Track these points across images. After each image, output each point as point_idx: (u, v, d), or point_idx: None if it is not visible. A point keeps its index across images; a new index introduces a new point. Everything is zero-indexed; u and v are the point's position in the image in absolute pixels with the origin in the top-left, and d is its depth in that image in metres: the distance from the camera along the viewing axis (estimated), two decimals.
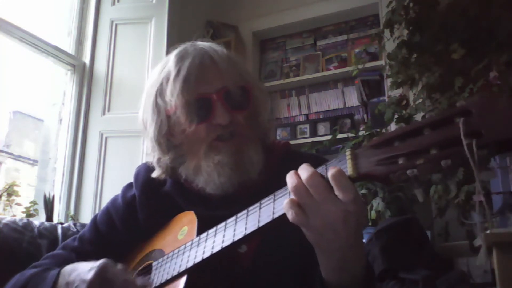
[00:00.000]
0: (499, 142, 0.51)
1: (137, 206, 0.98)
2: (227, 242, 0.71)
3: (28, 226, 1.34)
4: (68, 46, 2.62)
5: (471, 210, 1.86)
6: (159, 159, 0.94)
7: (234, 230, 0.71)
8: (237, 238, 0.70)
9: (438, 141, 0.54)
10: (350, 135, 2.39)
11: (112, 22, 2.67)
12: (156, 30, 2.62)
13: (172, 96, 0.87)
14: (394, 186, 1.98)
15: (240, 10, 3.34)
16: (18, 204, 2.18)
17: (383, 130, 2.23)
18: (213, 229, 0.76)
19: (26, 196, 2.39)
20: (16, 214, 2.14)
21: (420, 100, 1.99)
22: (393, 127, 2.18)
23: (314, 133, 3.05)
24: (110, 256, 0.92)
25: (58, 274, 0.84)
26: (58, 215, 2.35)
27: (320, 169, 0.64)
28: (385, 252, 1.77)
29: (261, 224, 0.67)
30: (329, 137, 2.49)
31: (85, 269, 0.80)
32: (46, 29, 2.61)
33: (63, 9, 2.70)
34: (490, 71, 1.67)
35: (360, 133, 2.29)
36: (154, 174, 0.96)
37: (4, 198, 2.15)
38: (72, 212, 2.37)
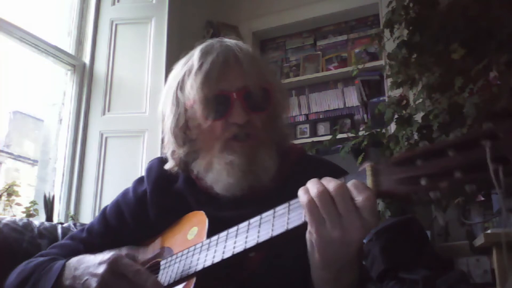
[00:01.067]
0: None
1: (148, 202, 0.97)
2: (239, 248, 0.70)
3: (28, 226, 1.34)
4: (68, 46, 2.62)
5: (471, 210, 1.86)
6: (173, 152, 0.93)
7: (246, 237, 0.70)
8: (249, 245, 0.69)
9: (463, 164, 0.52)
10: (350, 135, 2.39)
11: (112, 22, 2.67)
12: (156, 30, 2.62)
13: (191, 90, 0.87)
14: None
15: (240, 10, 3.34)
16: (18, 204, 2.18)
17: (383, 130, 2.23)
18: (224, 233, 0.75)
19: (26, 196, 2.39)
20: (16, 214, 2.14)
21: (420, 100, 1.99)
22: (393, 127, 2.18)
23: (314, 133, 3.05)
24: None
25: (64, 266, 0.83)
26: (58, 215, 2.35)
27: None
28: (385, 252, 1.77)
29: (275, 233, 0.66)
30: (329, 137, 2.49)
31: (95, 262, 0.78)
32: (46, 29, 2.61)
33: (63, 9, 2.70)
34: (490, 71, 1.67)
35: (360, 133, 2.29)
36: (167, 166, 0.95)
37: (4, 198, 2.15)
38: (72, 212, 2.37)
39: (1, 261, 1.19)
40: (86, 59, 2.63)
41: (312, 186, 0.63)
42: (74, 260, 0.83)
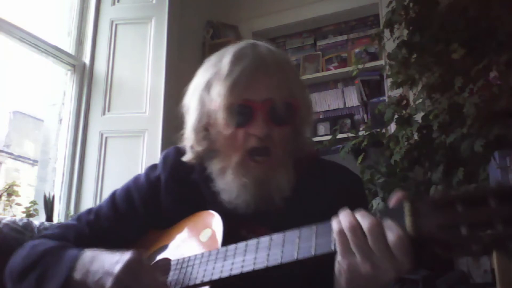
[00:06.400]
0: None
1: (162, 188, 0.95)
2: (259, 265, 0.69)
3: (28, 226, 1.35)
4: (68, 46, 2.62)
5: None
6: (191, 146, 0.93)
7: (268, 255, 0.69)
8: (271, 264, 0.68)
9: (505, 216, 0.49)
10: (350, 135, 2.39)
11: (112, 22, 2.67)
12: (156, 30, 2.62)
13: (217, 95, 0.85)
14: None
15: (240, 10, 3.34)
16: (18, 204, 2.18)
17: (383, 130, 2.22)
18: (242, 245, 0.74)
19: (26, 196, 2.39)
20: (16, 214, 2.14)
21: (420, 100, 1.99)
22: (393, 127, 2.18)
23: (314, 133, 3.04)
24: (125, 236, 0.91)
25: (77, 258, 0.80)
26: (58, 215, 2.35)
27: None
28: None
29: (300, 256, 0.65)
30: (329, 137, 2.49)
31: (112, 261, 0.76)
32: (46, 29, 2.61)
33: (63, 9, 2.70)
34: (490, 71, 1.67)
35: (360, 133, 2.29)
36: (185, 158, 0.94)
37: (4, 198, 2.15)
38: (72, 212, 2.37)
39: (1, 261, 1.19)
40: (86, 59, 2.62)
41: (344, 218, 0.62)
42: (89, 255, 0.81)
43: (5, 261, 0.93)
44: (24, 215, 2.12)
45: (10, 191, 2.17)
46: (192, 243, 0.83)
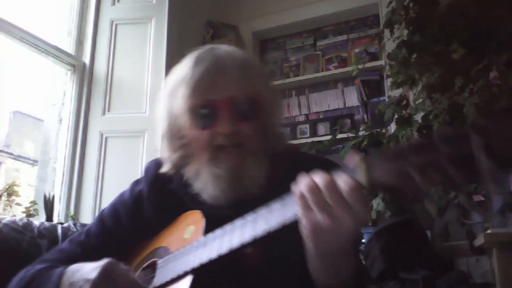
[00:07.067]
0: None
1: (145, 201, 0.99)
2: (235, 244, 0.71)
3: (28, 226, 1.34)
4: (68, 46, 2.62)
5: (471, 210, 1.86)
6: (168, 156, 0.96)
7: (242, 233, 0.71)
8: (245, 241, 0.70)
9: (452, 156, 0.53)
10: (350, 135, 2.39)
11: (112, 22, 2.67)
12: (156, 30, 2.62)
13: (181, 99, 0.89)
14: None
15: (240, 10, 3.34)
16: (18, 204, 2.18)
17: (383, 130, 2.23)
18: (220, 230, 0.76)
19: (26, 196, 2.39)
20: (16, 214, 2.14)
21: (420, 100, 1.99)
22: (393, 127, 2.18)
23: (314, 133, 3.05)
24: (116, 251, 0.93)
25: (62, 274, 0.85)
26: (58, 215, 2.35)
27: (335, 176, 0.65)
28: (385, 252, 1.77)
29: (271, 228, 0.67)
30: (329, 137, 2.49)
31: (89, 269, 0.80)
32: (46, 29, 2.61)
33: (63, 9, 2.70)
34: (490, 71, 1.67)
35: (360, 133, 2.29)
36: (163, 170, 0.97)
37: (4, 198, 2.15)
38: (72, 212, 2.37)
39: (1, 261, 1.19)
40: (86, 59, 2.62)
41: (301, 180, 0.65)
42: (72, 268, 0.85)
43: (5, 261, 0.93)
44: (24, 215, 2.12)
45: (10, 191, 2.17)
46: (177, 242, 0.85)
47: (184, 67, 0.92)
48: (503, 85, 1.64)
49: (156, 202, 0.98)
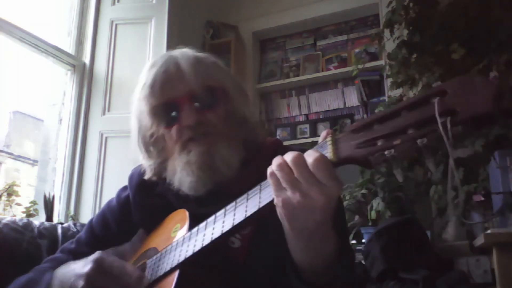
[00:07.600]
0: (473, 118, 0.51)
1: (132, 207, 1.00)
2: (217, 234, 0.72)
3: (28, 226, 1.34)
4: (68, 46, 2.62)
5: (471, 210, 1.86)
6: (148, 164, 0.97)
7: (223, 222, 0.73)
8: (225, 229, 0.71)
9: (414, 121, 0.55)
10: None
11: (112, 22, 2.67)
12: (156, 30, 2.62)
13: (142, 103, 0.93)
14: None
15: (240, 10, 3.34)
16: (18, 204, 2.18)
17: None
18: (203, 224, 0.78)
19: (26, 196, 2.39)
20: (16, 214, 2.14)
21: None
22: None
23: (314, 133, 3.05)
24: None
25: (52, 276, 0.86)
26: (58, 215, 2.35)
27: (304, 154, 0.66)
28: (385, 252, 1.77)
29: (249, 213, 0.68)
30: None
31: (80, 265, 0.81)
32: (46, 29, 2.61)
33: (63, 9, 2.70)
34: (490, 71, 1.67)
35: None
36: (146, 177, 0.98)
37: (4, 198, 2.15)
38: (72, 212, 2.37)
39: (1, 261, 1.19)
40: (86, 59, 2.63)
41: (274, 162, 0.66)
42: (61, 268, 0.87)
43: (5, 261, 0.94)
44: (24, 215, 2.12)
45: (10, 191, 2.17)
46: (165, 242, 0.86)
47: (143, 74, 0.96)
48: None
49: (143, 206, 0.99)
